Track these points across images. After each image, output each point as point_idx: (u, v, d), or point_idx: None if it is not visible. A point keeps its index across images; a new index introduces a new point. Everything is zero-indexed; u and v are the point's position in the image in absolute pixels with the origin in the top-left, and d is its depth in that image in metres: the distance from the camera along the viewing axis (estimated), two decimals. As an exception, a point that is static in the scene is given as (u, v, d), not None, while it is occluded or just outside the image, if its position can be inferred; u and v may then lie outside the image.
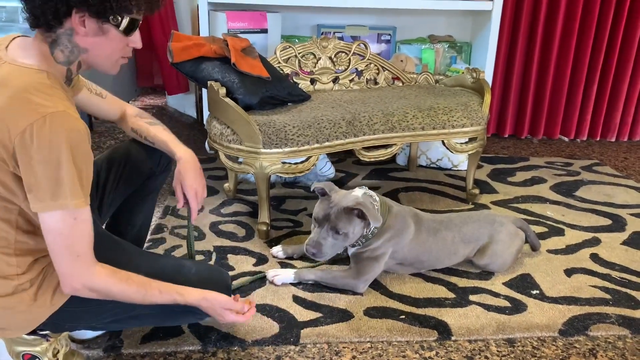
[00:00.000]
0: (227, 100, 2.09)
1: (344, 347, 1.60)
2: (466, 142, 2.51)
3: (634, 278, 2.03)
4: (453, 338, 1.66)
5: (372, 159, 2.34)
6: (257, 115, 2.12)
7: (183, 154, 1.54)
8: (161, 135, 1.54)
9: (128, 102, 1.67)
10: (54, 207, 1.11)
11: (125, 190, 1.64)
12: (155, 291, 1.28)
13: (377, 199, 1.89)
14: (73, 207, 1.11)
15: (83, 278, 1.18)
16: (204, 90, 2.87)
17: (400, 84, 2.78)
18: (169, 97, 4.39)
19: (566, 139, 3.84)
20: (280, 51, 2.52)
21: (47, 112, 1.08)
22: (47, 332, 1.36)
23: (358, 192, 1.85)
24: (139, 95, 4.54)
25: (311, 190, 1.85)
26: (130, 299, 1.25)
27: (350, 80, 2.67)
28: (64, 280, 1.19)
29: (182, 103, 4.19)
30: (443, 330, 1.68)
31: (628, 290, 1.94)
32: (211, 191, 2.69)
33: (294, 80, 2.55)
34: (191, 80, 2.36)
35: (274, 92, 2.23)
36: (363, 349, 1.60)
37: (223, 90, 2.11)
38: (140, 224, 1.69)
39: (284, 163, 2.12)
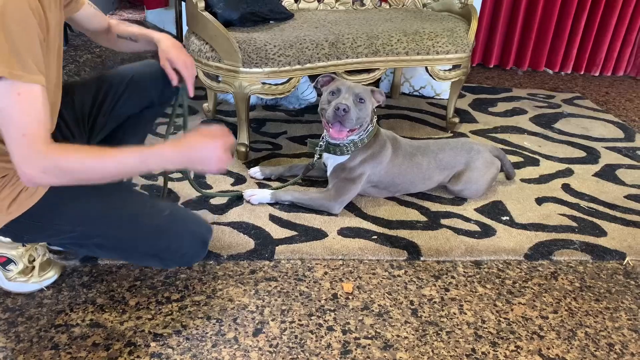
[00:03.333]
0: (206, 14, 2.02)
1: (316, 264, 1.65)
2: (449, 70, 2.48)
3: (601, 208, 2.09)
4: (422, 258, 1.72)
5: (354, 83, 2.31)
6: (237, 32, 2.05)
7: (164, 37, 1.57)
8: (141, 30, 1.56)
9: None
10: None
11: (120, 114, 1.60)
12: (116, 156, 1.15)
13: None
14: (8, 77, 1.00)
15: (35, 160, 1.05)
16: (184, 5, 2.76)
17: (387, 7, 2.70)
18: (148, 12, 4.21)
19: (551, 72, 3.83)
20: (264, -35, 2.41)
21: None
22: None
23: None
24: (116, 9, 4.36)
25: (315, 83, 1.97)
26: (92, 169, 1.12)
27: (336, 0, 2.59)
28: (19, 169, 1.07)
29: (161, 19, 4.04)
30: (413, 251, 1.74)
31: (594, 219, 2.01)
32: (190, 111, 2.65)
33: (277, -3, 2.46)
34: (169, -8, 2.26)
35: (255, 8, 2.15)
36: (335, 265, 1.65)
37: (202, 3, 2.03)
38: None
39: (264, 84, 2.08)
